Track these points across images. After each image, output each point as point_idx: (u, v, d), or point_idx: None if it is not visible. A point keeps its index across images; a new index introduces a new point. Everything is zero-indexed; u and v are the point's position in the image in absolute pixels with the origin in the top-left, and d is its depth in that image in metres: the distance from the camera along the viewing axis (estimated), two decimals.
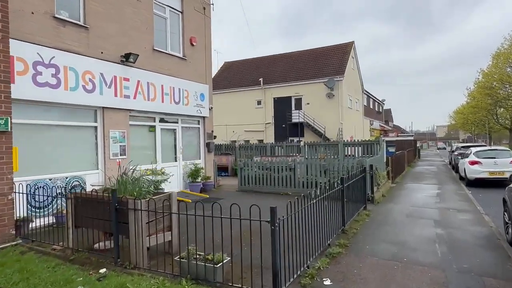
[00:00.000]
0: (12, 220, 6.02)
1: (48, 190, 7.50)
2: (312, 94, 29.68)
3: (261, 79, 32.46)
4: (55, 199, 7.38)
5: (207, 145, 12.74)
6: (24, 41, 6.98)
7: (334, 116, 28.41)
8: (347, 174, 7.22)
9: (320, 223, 5.21)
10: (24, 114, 7.13)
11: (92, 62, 8.36)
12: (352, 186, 7.16)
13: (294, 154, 16.06)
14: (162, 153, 10.87)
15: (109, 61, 8.83)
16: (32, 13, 7.19)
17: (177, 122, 11.56)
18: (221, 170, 16.92)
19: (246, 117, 33.04)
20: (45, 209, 7.26)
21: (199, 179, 11.87)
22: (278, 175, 11.81)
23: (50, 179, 7.60)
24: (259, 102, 32.89)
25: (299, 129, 29.04)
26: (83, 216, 5.37)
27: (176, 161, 11.49)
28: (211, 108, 12.95)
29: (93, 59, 8.38)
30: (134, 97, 9.54)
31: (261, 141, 31.12)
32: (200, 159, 12.63)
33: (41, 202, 7.30)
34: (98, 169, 8.69)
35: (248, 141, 31.25)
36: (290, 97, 31.19)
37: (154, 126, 10.61)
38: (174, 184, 11.26)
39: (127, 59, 9.10)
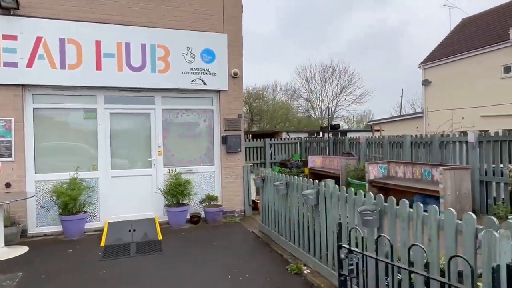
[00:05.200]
0: None
1: None
2: None
3: (510, 31, 19.75)
4: None
5: (224, 140, 7.22)
6: None
7: None
8: None
9: None
10: None
11: None
12: None
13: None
14: (114, 154, 6.72)
15: None
16: None
17: (151, 103, 6.96)
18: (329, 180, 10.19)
19: (484, 95, 21.27)
20: None
21: (186, 201, 6.76)
22: (293, 215, 4.87)
23: None
24: (507, 69, 20.28)
25: None
26: None
27: (151, 167, 6.95)
28: (236, 75, 7.25)
29: None
30: (29, 65, 5.99)
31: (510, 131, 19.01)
32: (213, 164, 7.35)
33: None
34: None
35: (486, 131, 19.93)
36: None
37: (94, 110, 6.62)
38: (145, 207, 6.83)
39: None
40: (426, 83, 25.36)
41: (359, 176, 8.98)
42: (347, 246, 2.66)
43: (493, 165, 6.50)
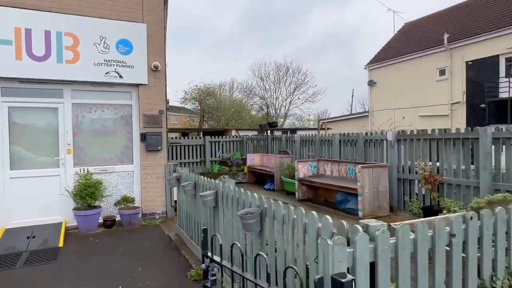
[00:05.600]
0: None
1: None
2: None
3: (445, 36, 20.93)
4: None
5: (144, 137, 6.78)
6: None
7: None
8: None
9: None
10: None
11: None
12: None
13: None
14: (15, 153, 6.04)
15: None
16: None
17: (59, 96, 6.35)
18: (269, 179, 10.11)
19: (422, 96, 22.38)
20: None
21: (97, 203, 6.23)
22: (200, 217, 4.61)
23: None
24: (442, 72, 21.51)
25: (509, 109, 16.69)
26: None
27: (59, 166, 6.33)
28: (157, 68, 6.82)
29: None
30: None
31: (445, 130, 20.14)
32: (132, 163, 6.87)
33: None
34: None
35: (423, 130, 20.93)
36: (496, 57, 18.54)
37: None
38: (52, 211, 6.20)
39: None
40: (371, 83, 26.33)
41: (292, 174, 8.94)
42: (209, 255, 2.41)
43: (409, 163, 6.67)
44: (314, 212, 2.31)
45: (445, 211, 5.40)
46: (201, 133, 24.49)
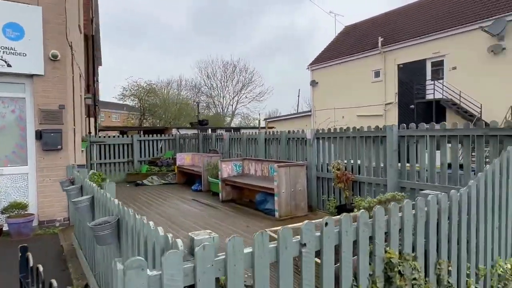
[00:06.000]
0: None
1: None
2: (461, 52, 17.47)
3: (379, 39, 21.88)
4: None
5: (39, 135, 5.99)
6: None
7: (503, 86, 15.60)
8: None
9: None
10: None
11: None
12: None
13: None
14: None
15: None
16: None
17: None
18: (197, 179, 9.65)
19: (359, 96, 23.15)
20: None
21: None
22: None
23: None
24: (377, 74, 22.45)
25: (434, 110, 17.82)
26: None
27: None
28: (56, 57, 6.05)
29: None
30: None
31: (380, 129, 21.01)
32: (26, 164, 6.05)
33: None
34: None
35: (357, 128, 21.71)
36: (423, 61, 19.68)
37: None
38: None
39: None
40: (313, 83, 26.86)
41: (218, 174, 8.58)
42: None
43: (328, 161, 6.61)
44: (151, 222, 1.93)
45: (356, 210, 5.35)
46: (142, 131, 23.36)
